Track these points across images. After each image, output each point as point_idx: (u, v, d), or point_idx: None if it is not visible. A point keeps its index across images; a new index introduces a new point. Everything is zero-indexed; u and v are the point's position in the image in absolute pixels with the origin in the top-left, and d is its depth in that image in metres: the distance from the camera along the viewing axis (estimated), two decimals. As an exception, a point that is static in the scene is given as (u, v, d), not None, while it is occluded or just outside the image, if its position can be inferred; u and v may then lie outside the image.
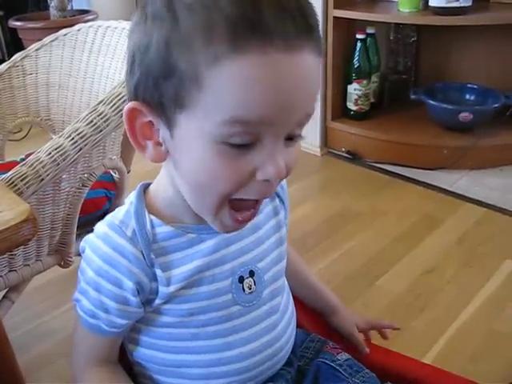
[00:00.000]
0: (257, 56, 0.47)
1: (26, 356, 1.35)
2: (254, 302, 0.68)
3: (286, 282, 0.76)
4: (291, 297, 0.77)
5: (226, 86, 0.48)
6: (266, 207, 0.71)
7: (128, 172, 1.28)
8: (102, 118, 1.00)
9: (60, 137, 0.98)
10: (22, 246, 1.01)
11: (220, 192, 0.55)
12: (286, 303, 0.73)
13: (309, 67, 0.51)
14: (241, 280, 0.67)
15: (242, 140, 0.51)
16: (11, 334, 0.85)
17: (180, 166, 0.57)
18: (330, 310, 0.88)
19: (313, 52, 0.51)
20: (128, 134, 0.58)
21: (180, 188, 0.59)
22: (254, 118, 0.50)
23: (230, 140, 0.51)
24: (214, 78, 0.48)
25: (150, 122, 0.56)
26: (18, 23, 2.95)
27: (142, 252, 0.61)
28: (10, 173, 0.93)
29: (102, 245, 0.61)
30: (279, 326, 0.71)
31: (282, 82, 0.49)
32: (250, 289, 0.67)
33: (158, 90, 0.52)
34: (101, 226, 0.63)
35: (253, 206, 0.59)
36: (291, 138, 0.55)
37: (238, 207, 0.57)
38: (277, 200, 0.74)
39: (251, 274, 0.68)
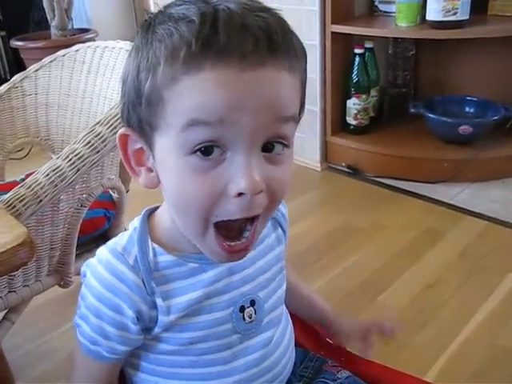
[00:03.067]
0: (208, 73, 0.49)
1: (27, 376, 1.35)
2: (253, 330, 0.67)
3: (284, 306, 0.76)
4: (289, 317, 0.77)
5: (182, 95, 0.51)
6: (269, 237, 0.71)
7: (127, 191, 1.28)
8: (99, 139, 1.00)
9: (58, 158, 0.98)
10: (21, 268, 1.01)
11: (196, 210, 0.54)
12: (284, 327, 0.73)
13: (271, 79, 0.51)
14: (242, 309, 0.66)
15: (206, 150, 0.52)
16: (11, 355, 0.86)
17: (164, 189, 0.58)
18: (326, 318, 0.86)
19: (278, 69, 0.51)
20: (122, 160, 0.59)
21: (172, 214, 0.60)
22: (211, 118, 0.50)
23: (194, 149, 0.52)
24: (171, 96, 0.51)
25: (141, 148, 0.58)
26: (20, 43, 2.97)
27: (142, 280, 0.60)
28: (8, 194, 0.93)
29: (104, 271, 0.61)
30: (277, 351, 0.70)
31: (236, 94, 0.50)
32: (251, 318, 0.67)
33: (136, 115, 0.56)
34: (103, 252, 0.63)
35: (239, 231, 0.57)
36: (269, 150, 0.54)
37: (223, 231, 0.56)
38: (279, 229, 0.73)
39: (252, 303, 0.67)
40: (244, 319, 0.66)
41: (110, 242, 0.64)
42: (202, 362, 0.65)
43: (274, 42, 0.50)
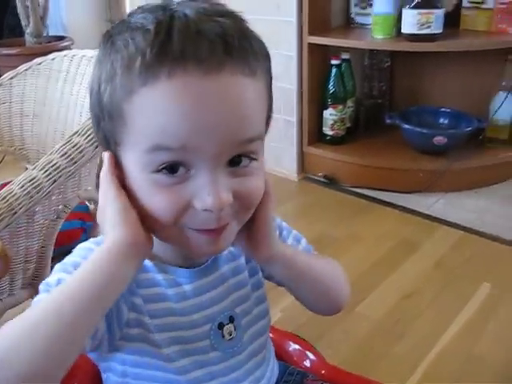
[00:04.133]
0: (166, 83, 0.49)
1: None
2: (235, 349, 0.66)
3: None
4: (268, 332, 0.76)
5: (142, 114, 0.50)
6: (240, 259, 0.69)
7: (104, 202, 1.26)
8: (76, 150, 0.99)
9: (34, 169, 0.96)
10: (-6, 281, 0.99)
11: (163, 222, 0.54)
12: (263, 343, 0.72)
13: (231, 88, 0.51)
14: (220, 326, 0.65)
15: (172, 168, 0.51)
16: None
17: (131, 201, 0.56)
18: None
19: (237, 73, 0.51)
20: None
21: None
22: (174, 144, 0.50)
23: (160, 168, 0.51)
24: (132, 109, 0.51)
25: None
26: (-7, 50, 2.92)
27: None
28: (-19, 206, 0.91)
29: (84, 250, 0.61)
30: (259, 369, 0.69)
31: (197, 105, 0.49)
32: (231, 335, 0.66)
33: (100, 129, 0.56)
34: (85, 243, 0.62)
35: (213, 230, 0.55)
36: (235, 164, 0.54)
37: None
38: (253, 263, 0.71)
39: (231, 319, 0.66)
40: (223, 336, 0.65)
41: (94, 238, 0.63)
42: (184, 380, 0.63)
43: (230, 45, 0.50)
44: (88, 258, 0.52)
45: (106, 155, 0.57)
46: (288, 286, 0.71)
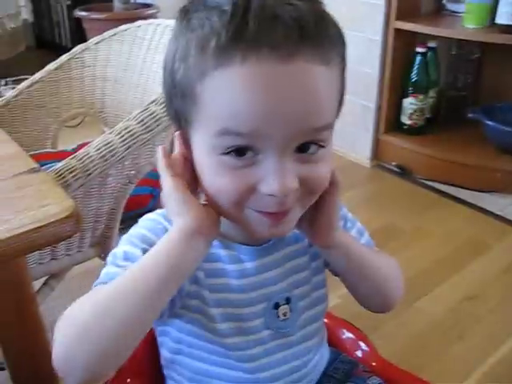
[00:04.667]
0: (239, 67, 0.48)
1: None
2: (288, 330, 0.67)
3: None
4: (323, 318, 0.75)
5: (214, 98, 0.50)
6: (303, 242, 0.69)
7: (175, 171, 1.28)
8: (152, 118, 1.01)
9: (111, 133, 0.99)
10: (65, 237, 1.03)
11: (228, 202, 0.54)
12: (317, 328, 0.72)
13: (305, 76, 0.50)
14: (276, 306, 0.66)
15: (240, 152, 0.51)
16: (48, 319, 0.87)
17: (199, 179, 0.57)
18: None
19: (311, 60, 0.50)
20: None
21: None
22: (244, 129, 0.50)
23: (228, 150, 0.51)
24: (204, 91, 0.51)
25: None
26: (83, 13, 3.03)
27: None
28: (59, 164, 0.95)
29: (152, 219, 0.62)
30: (309, 354, 0.70)
31: (269, 92, 0.49)
32: (285, 315, 0.66)
33: (172, 106, 0.57)
34: (153, 214, 0.64)
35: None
36: (303, 151, 0.53)
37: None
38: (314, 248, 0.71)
39: (287, 300, 0.67)
40: (278, 316, 0.66)
41: (161, 210, 0.64)
42: (235, 356, 0.64)
43: (305, 31, 0.49)
44: (160, 242, 0.54)
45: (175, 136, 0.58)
46: (343, 276, 0.70)
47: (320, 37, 0.50)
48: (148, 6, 3.13)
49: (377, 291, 0.71)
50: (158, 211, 0.64)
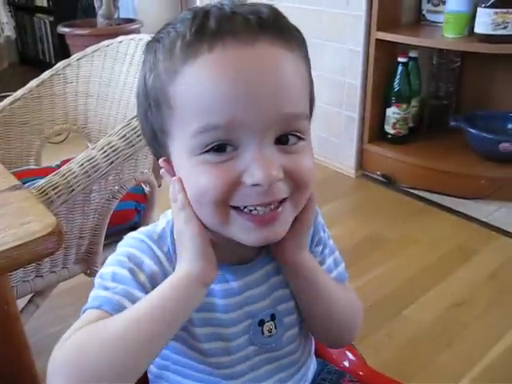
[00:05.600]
0: (206, 57, 0.51)
1: (46, 359, 1.36)
2: (273, 345, 0.66)
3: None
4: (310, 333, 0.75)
5: (187, 94, 0.52)
6: None
7: (159, 186, 1.28)
8: (135, 133, 1.01)
9: (93, 149, 0.99)
10: (49, 254, 1.02)
11: (213, 200, 0.53)
12: (304, 342, 0.71)
13: (270, 59, 0.52)
14: (261, 323, 0.65)
15: (219, 148, 0.52)
16: (33, 337, 0.86)
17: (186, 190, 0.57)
18: None
19: (275, 44, 0.53)
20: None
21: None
22: (219, 120, 0.51)
23: (208, 148, 0.52)
24: (176, 91, 0.53)
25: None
26: (66, 29, 3.03)
27: (173, 270, 0.59)
28: (42, 181, 0.94)
29: (136, 241, 0.62)
30: (294, 366, 0.69)
31: (237, 76, 0.51)
32: (270, 332, 0.66)
33: (148, 124, 0.58)
34: (137, 233, 0.63)
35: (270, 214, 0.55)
36: (283, 143, 0.54)
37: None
38: None
39: (272, 317, 0.66)
40: (263, 333, 0.65)
41: (144, 229, 0.64)
42: (220, 374, 0.64)
43: (263, 20, 0.53)
44: (167, 286, 0.56)
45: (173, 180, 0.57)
46: (299, 300, 0.67)
47: (279, 27, 0.54)
48: (131, 20, 3.14)
49: (332, 324, 0.69)
50: (141, 230, 0.64)
